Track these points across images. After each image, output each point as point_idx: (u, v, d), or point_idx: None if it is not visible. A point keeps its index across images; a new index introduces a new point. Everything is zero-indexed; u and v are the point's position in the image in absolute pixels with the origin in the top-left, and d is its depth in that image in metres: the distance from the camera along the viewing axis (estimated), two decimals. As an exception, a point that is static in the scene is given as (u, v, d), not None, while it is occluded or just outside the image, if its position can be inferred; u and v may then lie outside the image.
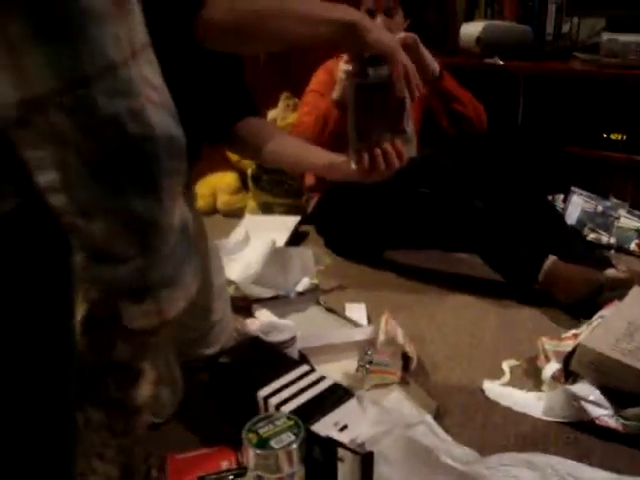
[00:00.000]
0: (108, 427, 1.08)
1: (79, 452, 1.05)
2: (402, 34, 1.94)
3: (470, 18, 2.81)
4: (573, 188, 2.45)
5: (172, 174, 0.60)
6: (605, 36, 2.42)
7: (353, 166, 1.41)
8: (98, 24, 0.51)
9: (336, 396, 1.30)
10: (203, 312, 1.57)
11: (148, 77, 0.57)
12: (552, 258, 1.88)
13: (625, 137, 2.48)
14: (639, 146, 2.45)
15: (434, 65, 2.09)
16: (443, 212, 1.99)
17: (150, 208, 0.60)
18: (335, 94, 2.07)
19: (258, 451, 1.12)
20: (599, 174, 2.53)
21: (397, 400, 1.44)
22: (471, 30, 2.63)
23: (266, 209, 2.75)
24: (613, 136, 2.50)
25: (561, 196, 2.47)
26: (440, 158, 2.05)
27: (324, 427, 1.20)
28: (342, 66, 1.94)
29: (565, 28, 2.71)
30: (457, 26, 2.72)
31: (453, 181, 2.02)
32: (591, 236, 2.34)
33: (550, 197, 2.43)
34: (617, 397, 1.37)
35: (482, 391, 1.51)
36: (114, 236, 0.60)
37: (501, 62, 2.56)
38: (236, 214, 2.79)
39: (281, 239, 2.29)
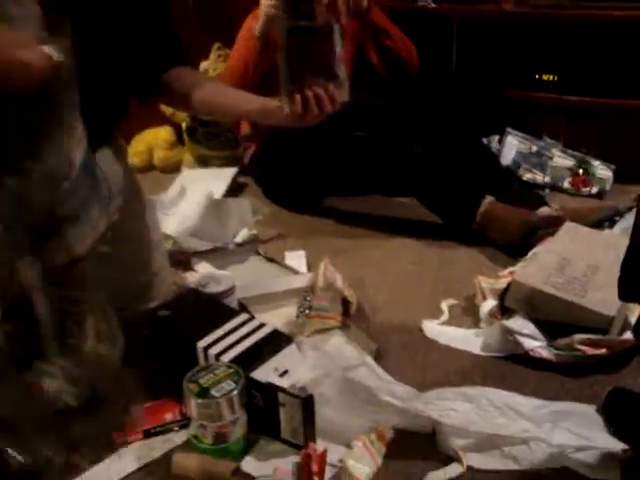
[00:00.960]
0: None
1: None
2: None
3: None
4: (508, 129, 2.48)
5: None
6: (536, -23, 2.43)
7: (286, 110, 1.40)
8: None
9: (275, 342, 1.31)
10: (141, 266, 1.56)
11: None
12: (489, 199, 1.92)
13: (556, 78, 2.51)
14: (570, 86, 2.48)
15: None
16: (381, 156, 2.00)
17: None
18: (258, 29, 2.03)
19: (200, 400, 1.14)
20: (532, 115, 2.56)
21: (338, 344, 1.44)
22: (402, -28, 2.60)
23: (203, 162, 2.72)
24: (545, 77, 2.52)
25: (496, 137, 2.51)
26: (375, 101, 2.03)
27: (264, 373, 1.21)
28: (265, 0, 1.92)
29: (497, -30, 2.70)
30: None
31: (390, 125, 2.02)
32: (527, 176, 2.39)
33: (485, 139, 2.47)
34: (549, 329, 1.42)
35: (421, 330, 1.55)
36: None
37: (434, 4, 2.55)
38: (173, 169, 2.75)
39: (219, 191, 2.28)
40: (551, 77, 2.51)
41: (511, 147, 2.43)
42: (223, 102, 1.55)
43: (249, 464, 1.16)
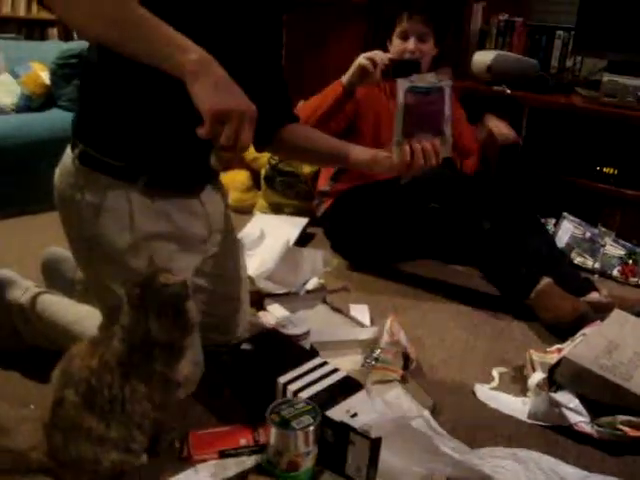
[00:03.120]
0: (149, 399, 1.23)
1: (122, 421, 1.21)
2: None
3: (481, 46, 2.96)
4: (564, 214, 2.61)
5: None
6: (605, 76, 2.59)
7: (395, 159, 1.55)
8: None
9: (347, 387, 1.44)
10: (229, 301, 1.70)
11: None
12: (547, 280, 2.03)
13: (617, 171, 2.65)
14: (629, 181, 2.62)
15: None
16: (452, 229, 2.13)
17: None
18: (346, 77, 2.16)
19: (280, 430, 1.26)
20: (590, 203, 2.69)
21: (397, 396, 1.58)
22: (483, 58, 2.78)
23: (275, 209, 2.88)
24: (606, 169, 2.67)
25: (552, 220, 2.64)
26: (450, 176, 2.17)
27: (337, 413, 1.34)
28: (362, 55, 2.07)
29: (569, 63, 2.87)
30: (470, 53, 2.87)
31: (463, 200, 2.14)
32: (578, 260, 2.51)
33: (542, 220, 2.59)
34: (593, 406, 1.52)
35: (473, 393, 1.67)
36: None
37: (509, 91, 2.71)
38: (245, 211, 2.93)
39: (291, 239, 2.43)
40: (612, 170, 2.65)
41: (566, 231, 2.55)
42: (333, 151, 1.68)
43: (315, 494, 1.28)
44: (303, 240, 2.58)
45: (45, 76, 3.10)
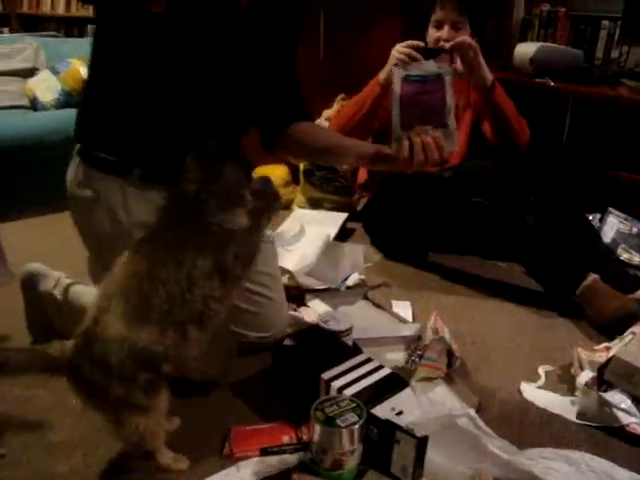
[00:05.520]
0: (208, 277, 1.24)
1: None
2: (462, 38, 2.07)
3: (524, 38, 2.91)
4: (610, 209, 2.56)
5: None
6: (654, 66, 2.52)
7: (394, 155, 1.49)
8: None
9: (392, 384, 1.43)
10: (263, 296, 1.68)
11: None
12: (594, 276, 1.98)
13: (664, 166, 2.58)
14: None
15: (488, 75, 2.17)
16: (495, 224, 2.08)
17: None
18: (382, 75, 2.14)
19: (325, 428, 1.25)
20: (637, 198, 2.62)
21: (442, 393, 1.56)
22: (525, 50, 2.72)
23: (314, 204, 2.87)
24: (653, 163, 2.60)
25: (597, 215, 2.58)
26: (496, 170, 2.13)
27: (382, 411, 1.33)
28: (397, 47, 2.02)
29: (614, 54, 2.80)
30: (512, 45, 2.82)
31: (507, 194, 2.10)
32: (624, 256, 2.45)
33: (587, 216, 2.54)
34: (646, 407, 1.48)
35: (519, 392, 1.64)
36: None
37: (552, 83, 2.65)
38: (284, 206, 2.91)
39: (331, 234, 2.41)
40: (659, 164, 2.58)
41: (612, 226, 2.50)
42: (338, 147, 1.65)
43: (359, 493, 1.26)
44: (342, 235, 2.57)
45: (84, 72, 3.12)
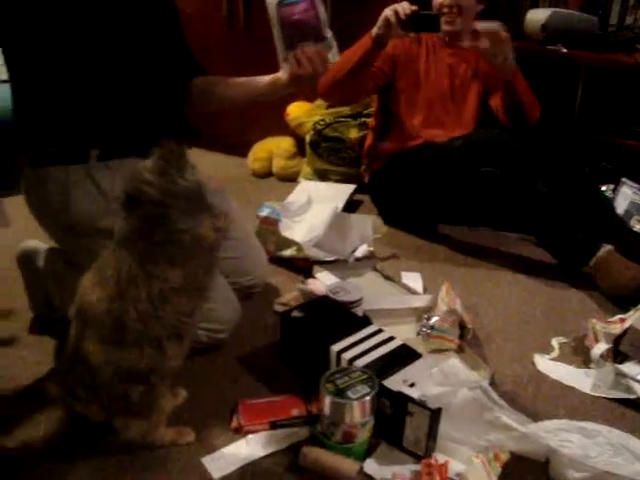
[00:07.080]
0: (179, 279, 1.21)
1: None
2: (497, 27, 2.03)
3: (535, 4, 2.84)
4: (623, 179, 2.50)
5: None
6: (670, 32, 2.45)
7: (284, 74, 1.56)
8: None
9: (404, 356, 1.40)
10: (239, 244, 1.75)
11: None
12: (608, 247, 1.95)
13: (678, 134, 2.52)
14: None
15: (513, 65, 2.12)
16: (506, 192, 2.05)
17: None
18: (374, 30, 2.10)
19: (336, 400, 1.22)
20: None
21: (454, 365, 1.53)
22: (537, 16, 2.65)
23: (321, 176, 2.83)
24: (669, 132, 2.54)
25: (611, 186, 2.53)
26: (507, 138, 2.08)
27: (394, 383, 1.29)
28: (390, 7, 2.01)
29: (629, 20, 2.73)
30: (523, 11, 2.75)
31: (518, 163, 2.06)
32: (638, 227, 2.39)
33: (600, 186, 2.49)
34: (664, 378, 1.45)
35: (533, 364, 1.61)
36: None
37: (565, 50, 2.59)
38: (290, 178, 2.89)
39: (339, 205, 2.37)
40: (673, 133, 2.52)
41: (625, 197, 2.45)
42: (239, 91, 1.70)
43: (371, 466, 1.24)
44: (350, 207, 2.53)
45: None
